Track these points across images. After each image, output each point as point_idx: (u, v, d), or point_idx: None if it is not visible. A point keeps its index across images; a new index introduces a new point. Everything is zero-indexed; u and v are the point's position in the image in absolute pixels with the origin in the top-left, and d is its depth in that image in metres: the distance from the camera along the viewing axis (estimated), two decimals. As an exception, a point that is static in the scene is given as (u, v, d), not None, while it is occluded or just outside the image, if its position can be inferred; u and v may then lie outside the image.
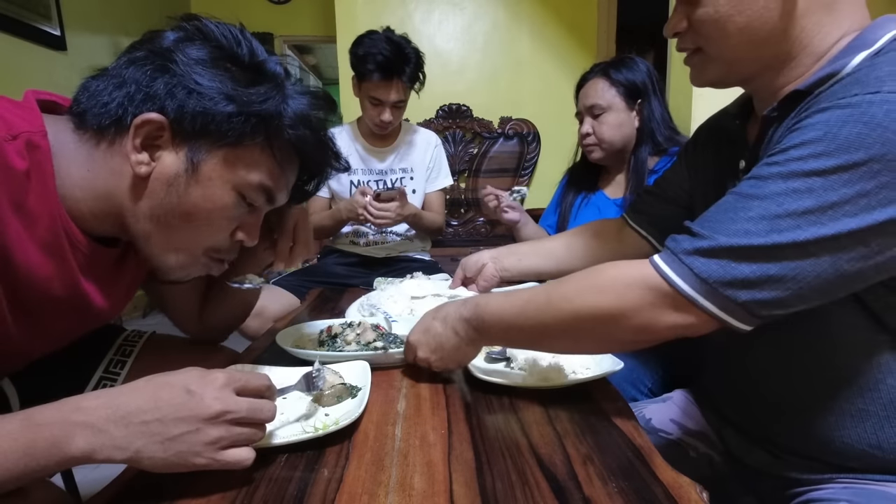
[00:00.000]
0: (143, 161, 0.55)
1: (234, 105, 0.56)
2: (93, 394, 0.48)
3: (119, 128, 0.55)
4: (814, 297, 0.49)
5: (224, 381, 0.49)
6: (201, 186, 0.57)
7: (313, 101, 0.63)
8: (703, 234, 0.52)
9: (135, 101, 0.54)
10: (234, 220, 0.62)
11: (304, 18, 4.23)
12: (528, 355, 0.76)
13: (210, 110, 0.55)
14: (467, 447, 0.54)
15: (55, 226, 0.55)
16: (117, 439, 0.45)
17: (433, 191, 1.80)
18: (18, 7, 2.42)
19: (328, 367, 0.69)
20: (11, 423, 0.44)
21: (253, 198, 0.61)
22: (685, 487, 0.46)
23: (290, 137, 0.60)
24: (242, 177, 0.59)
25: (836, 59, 0.54)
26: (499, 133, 2.81)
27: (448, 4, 2.83)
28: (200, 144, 0.56)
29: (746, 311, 0.50)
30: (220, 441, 0.47)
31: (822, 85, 0.54)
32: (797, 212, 0.47)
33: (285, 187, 0.65)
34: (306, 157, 0.65)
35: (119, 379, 0.83)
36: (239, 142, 0.57)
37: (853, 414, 0.56)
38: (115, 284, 0.68)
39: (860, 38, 0.54)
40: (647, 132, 1.28)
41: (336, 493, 0.46)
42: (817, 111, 0.50)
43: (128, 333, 0.89)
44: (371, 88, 1.54)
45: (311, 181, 0.71)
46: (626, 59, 1.32)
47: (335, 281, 1.65)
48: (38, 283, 0.56)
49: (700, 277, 0.50)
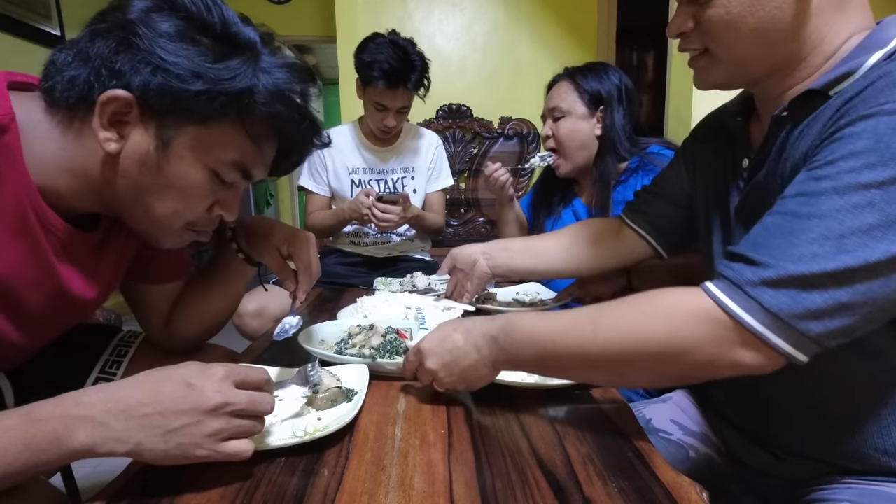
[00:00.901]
0: (111, 138, 0.54)
1: (202, 82, 0.53)
2: (93, 388, 0.48)
3: (88, 105, 0.54)
4: (881, 319, 0.47)
5: (224, 373, 0.49)
6: (173, 164, 0.57)
7: (290, 75, 0.60)
8: (765, 262, 0.47)
9: (101, 77, 0.53)
10: (209, 197, 0.61)
11: (304, 18, 4.22)
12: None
13: (176, 88, 0.53)
14: (467, 447, 0.54)
15: (24, 209, 0.55)
16: (118, 432, 0.45)
17: (434, 191, 1.80)
18: (18, 7, 2.42)
19: (327, 369, 0.68)
20: (11, 418, 0.44)
21: (227, 175, 0.60)
22: (685, 487, 0.46)
23: (266, 114, 0.58)
24: (215, 155, 0.58)
25: (850, 58, 0.53)
26: (499, 133, 2.81)
27: (448, 4, 2.83)
28: (170, 121, 0.55)
29: (816, 344, 0.46)
30: (221, 433, 0.47)
31: (839, 84, 0.52)
32: (861, 229, 0.44)
33: (262, 163, 0.64)
34: (284, 132, 0.63)
35: (115, 378, 0.83)
36: (209, 119, 0.56)
37: (860, 418, 0.56)
38: (95, 270, 0.67)
39: (872, 38, 0.53)
40: (609, 141, 1.26)
41: (336, 493, 0.46)
42: (860, 118, 0.47)
43: (123, 334, 0.89)
44: (375, 94, 1.54)
45: (292, 155, 0.70)
46: (597, 65, 1.31)
47: (335, 281, 1.65)
48: (10, 267, 0.55)
49: (771, 312, 0.46)
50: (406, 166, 1.75)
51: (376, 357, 0.75)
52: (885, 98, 0.46)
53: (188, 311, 0.84)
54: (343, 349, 0.79)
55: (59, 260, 0.61)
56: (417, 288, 1.29)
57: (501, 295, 1.23)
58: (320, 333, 0.88)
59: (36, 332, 0.66)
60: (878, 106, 0.46)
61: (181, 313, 0.84)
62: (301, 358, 0.79)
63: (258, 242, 0.80)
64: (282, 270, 0.79)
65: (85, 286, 0.66)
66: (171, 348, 0.87)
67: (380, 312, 1.01)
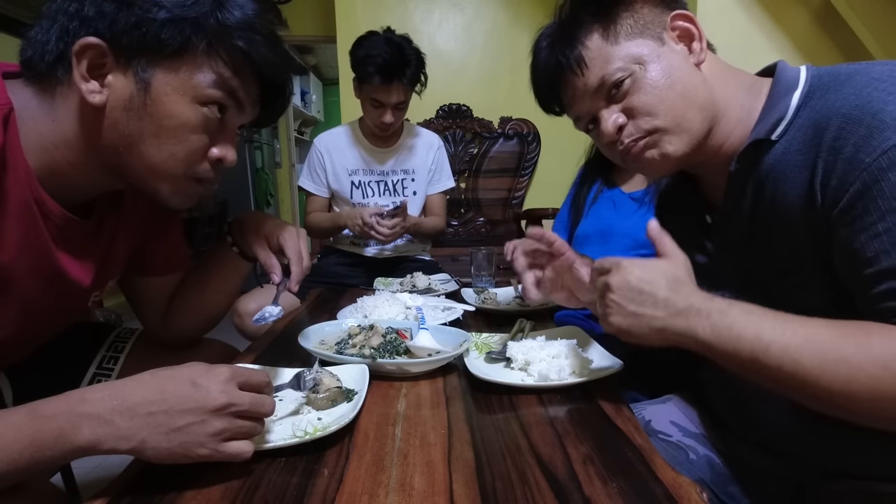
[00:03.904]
0: (93, 90, 0.55)
1: (164, 11, 0.55)
2: (97, 386, 0.48)
3: (65, 65, 0.55)
4: None
5: (228, 374, 0.50)
6: (159, 104, 0.57)
7: (257, 6, 0.61)
8: None
9: (70, 31, 0.54)
10: (203, 136, 0.61)
11: (304, 18, 4.22)
12: (528, 355, 0.76)
13: (142, 20, 0.54)
14: (467, 447, 0.54)
15: (26, 197, 0.55)
16: (123, 430, 0.45)
17: (435, 193, 1.80)
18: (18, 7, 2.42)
19: (327, 369, 0.69)
20: (16, 415, 0.45)
21: (214, 106, 0.60)
22: (685, 487, 0.46)
23: (238, 43, 0.59)
24: (196, 85, 0.58)
25: (773, 105, 0.58)
26: (499, 133, 2.81)
27: (448, 4, 2.83)
28: (144, 60, 0.56)
29: None
30: (224, 433, 0.48)
31: (776, 128, 0.57)
32: None
33: (246, 96, 0.63)
34: (260, 63, 0.62)
35: (113, 375, 0.84)
36: (182, 50, 0.56)
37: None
38: (91, 256, 0.68)
39: (779, 85, 0.59)
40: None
41: (336, 493, 0.46)
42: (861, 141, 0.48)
43: (119, 330, 0.90)
44: (371, 91, 1.54)
45: (277, 97, 0.70)
46: None
47: (335, 281, 1.65)
48: (13, 255, 0.56)
49: None
50: (406, 168, 1.74)
51: (376, 357, 0.75)
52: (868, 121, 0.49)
53: (186, 304, 0.85)
54: (343, 349, 0.79)
55: (57, 246, 0.61)
56: (417, 288, 1.29)
57: (502, 295, 1.23)
58: (320, 333, 0.88)
59: (36, 323, 0.66)
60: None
61: (179, 307, 0.85)
62: (301, 358, 0.79)
63: (249, 235, 0.81)
64: (268, 260, 0.80)
65: (82, 272, 0.66)
66: (169, 341, 0.88)
67: (380, 312, 1.02)
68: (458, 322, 1.00)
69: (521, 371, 0.75)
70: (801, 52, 1.79)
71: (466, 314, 1.05)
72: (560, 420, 0.61)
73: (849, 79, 0.53)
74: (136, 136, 0.57)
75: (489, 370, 0.75)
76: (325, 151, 1.70)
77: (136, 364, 0.84)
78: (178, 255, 0.85)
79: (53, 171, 0.57)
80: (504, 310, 1.12)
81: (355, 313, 1.03)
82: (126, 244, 0.74)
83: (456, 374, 0.76)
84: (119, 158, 0.59)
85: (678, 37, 0.63)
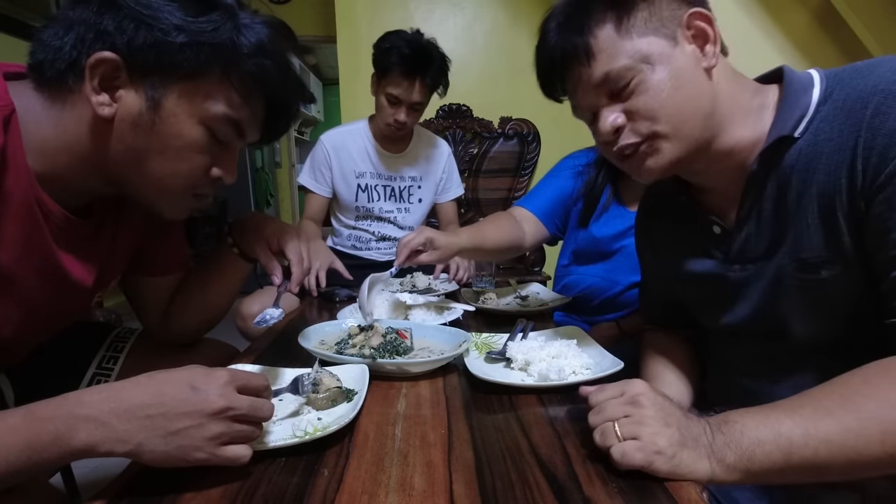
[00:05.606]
0: (104, 102, 0.55)
1: (184, 35, 0.55)
2: (95, 388, 0.48)
3: (76, 73, 0.55)
4: None
5: (227, 378, 0.49)
6: (167, 123, 0.57)
7: (271, 31, 0.61)
8: None
9: (86, 41, 0.54)
10: (205, 156, 0.61)
11: (304, 18, 4.22)
12: (528, 355, 0.76)
13: (160, 42, 0.54)
14: (467, 447, 0.54)
15: (28, 198, 0.56)
16: (120, 433, 0.45)
17: (446, 201, 1.79)
18: (18, 7, 2.42)
19: (327, 369, 0.69)
20: (14, 417, 0.44)
21: (221, 131, 0.61)
22: (685, 487, 0.46)
23: (251, 68, 0.60)
24: (206, 109, 0.59)
25: (791, 104, 0.58)
26: (499, 133, 2.81)
27: (448, 4, 2.82)
28: (158, 80, 0.56)
29: None
30: (222, 437, 0.47)
31: (799, 124, 0.57)
32: None
33: (253, 121, 0.64)
34: (270, 88, 0.63)
35: (112, 375, 0.84)
36: (196, 73, 0.57)
37: None
38: (92, 256, 0.68)
39: (792, 85, 0.59)
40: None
41: (336, 493, 0.46)
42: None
43: (119, 330, 0.90)
44: (390, 84, 1.50)
45: (281, 118, 0.70)
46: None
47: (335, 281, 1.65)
48: (15, 256, 0.56)
49: None
50: (414, 174, 1.72)
51: (376, 357, 0.75)
52: None
53: (186, 304, 0.85)
54: (343, 349, 0.79)
55: (58, 247, 0.62)
56: (417, 288, 1.29)
57: (502, 295, 1.23)
58: (320, 333, 0.88)
59: (38, 323, 0.66)
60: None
61: (179, 307, 0.85)
62: (301, 358, 0.79)
63: (250, 237, 0.82)
64: (269, 262, 0.80)
65: (82, 272, 0.67)
66: (169, 341, 0.88)
67: (380, 312, 1.02)
68: (458, 322, 1.00)
69: (521, 371, 0.75)
70: (801, 52, 1.79)
71: (466, 314, 1.05)
72: (560, 420, 0.61)
73: (873, 67, 0.54)
74: (141, 151, 0.58)
75: (489, 370, 0.75)
76: (333, 150, 1.67)
77: (136, 364, 0.84)
78: (178, 255, 0.86)
79: (53, 175, 0.57)
80: (504, 310, 1.12)
81: (355, 313, 1.03)
82: (127, 244, 0.75)
83: (456, 374, 0.76)
84: (120, 170, 0.59)
85: (692, 36, 0.60)
